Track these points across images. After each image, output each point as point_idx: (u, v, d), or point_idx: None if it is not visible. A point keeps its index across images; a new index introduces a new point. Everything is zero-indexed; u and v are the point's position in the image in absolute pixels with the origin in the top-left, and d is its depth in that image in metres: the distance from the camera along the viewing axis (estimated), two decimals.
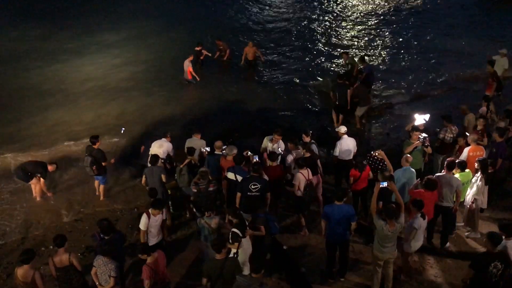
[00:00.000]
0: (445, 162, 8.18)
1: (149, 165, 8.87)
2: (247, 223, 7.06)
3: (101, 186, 9.70)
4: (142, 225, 7.33)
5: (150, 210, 7.34)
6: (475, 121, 10.26)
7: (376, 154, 8.84)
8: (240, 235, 6.59)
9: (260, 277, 6.38)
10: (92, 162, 9.17)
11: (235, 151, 8.74)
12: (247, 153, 9.00)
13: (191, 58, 14.92)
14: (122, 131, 10.77)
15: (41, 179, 9.51)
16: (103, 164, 9.36)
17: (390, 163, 8.54)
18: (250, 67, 16.04)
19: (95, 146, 9.33)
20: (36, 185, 9.60)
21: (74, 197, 9.94)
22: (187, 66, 14.70)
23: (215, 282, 6.07)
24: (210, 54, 15.68)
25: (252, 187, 7.81)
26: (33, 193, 9.74)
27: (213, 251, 6.19)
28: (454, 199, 8.01)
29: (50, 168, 9.57)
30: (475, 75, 15.22)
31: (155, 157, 8.82)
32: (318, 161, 9.11)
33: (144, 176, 8.78)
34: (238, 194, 7.93)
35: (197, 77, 14.83)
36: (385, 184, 7.05)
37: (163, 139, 9.60)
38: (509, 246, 6.38)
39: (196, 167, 8.77)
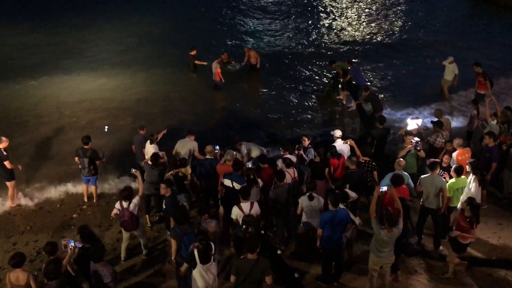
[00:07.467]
0: (427, 163, 8.36)
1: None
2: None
3: (93, 187, 9.67)
4: None
5: None
6: (450, 125, 10.73)
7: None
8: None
9: None
10: (90, 163, 9.24)
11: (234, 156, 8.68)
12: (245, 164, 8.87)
13: (218, 60, 15.00)
14: (106, 129, 10.60)
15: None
16: (97, 163, 9.42)
17: (359, 151, 8.87)
18: (253, 71, 16.20)
19: (87, 147, 9.28)
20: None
21: (66, 200, 9.85)
22: (215, 68, 14.66)
23: (243, 281, 6.08)
24: (206, 63, 15.49)
25: None
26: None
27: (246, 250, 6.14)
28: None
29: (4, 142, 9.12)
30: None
31: (156, 156, 8.79)
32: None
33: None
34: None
35: (223, 79, 14.79)
36: (385, 188, 7.09)
37: (148, 143, 9.54)
38: None
39: (185, 179, 8.64)
